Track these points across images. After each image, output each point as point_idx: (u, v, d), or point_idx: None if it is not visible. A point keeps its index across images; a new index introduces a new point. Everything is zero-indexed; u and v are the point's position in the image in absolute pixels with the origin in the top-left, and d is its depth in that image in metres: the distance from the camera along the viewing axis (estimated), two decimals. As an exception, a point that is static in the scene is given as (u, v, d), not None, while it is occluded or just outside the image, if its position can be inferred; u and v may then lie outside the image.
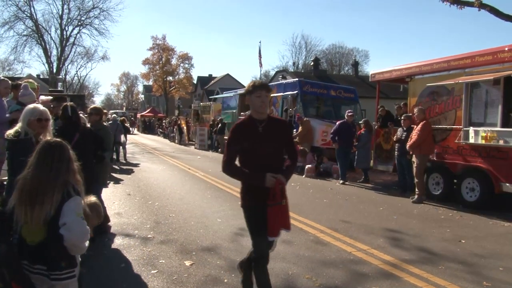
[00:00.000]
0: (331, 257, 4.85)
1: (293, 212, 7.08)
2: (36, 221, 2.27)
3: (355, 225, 6.41)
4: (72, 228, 2.24)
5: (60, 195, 2.30)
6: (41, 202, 2.26)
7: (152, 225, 6.18)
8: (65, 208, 2.28)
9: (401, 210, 7.80)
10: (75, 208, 2.30)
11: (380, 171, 11.83)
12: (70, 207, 2.29)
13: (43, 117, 3.63)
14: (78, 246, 2.32)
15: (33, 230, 2.30)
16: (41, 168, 2.33)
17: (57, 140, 2.50)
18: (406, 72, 10.17)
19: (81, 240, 2.30)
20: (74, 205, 2.31)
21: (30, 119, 3.57)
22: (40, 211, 2.25)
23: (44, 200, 2.26)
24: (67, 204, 2.29)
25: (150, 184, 10.12)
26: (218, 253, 4.92)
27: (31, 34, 39.84)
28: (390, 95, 21.47)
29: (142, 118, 52.56)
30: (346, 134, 11.18)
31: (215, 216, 6.78)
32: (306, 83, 15.39)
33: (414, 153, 8.63)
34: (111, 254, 4.89)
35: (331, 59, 59.46)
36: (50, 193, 2.28)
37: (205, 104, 28.38)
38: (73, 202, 2.32)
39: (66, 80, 49.26)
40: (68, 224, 2.24)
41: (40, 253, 2.31)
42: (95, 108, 6.16)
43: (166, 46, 54.99)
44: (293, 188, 10.17)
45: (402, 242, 5.56)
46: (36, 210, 2.26)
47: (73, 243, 2.27)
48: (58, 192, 2.30)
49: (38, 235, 2.30)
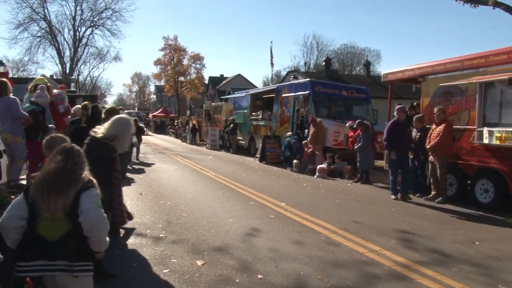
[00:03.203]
0: (343, 258, 4.83)
1: (305, 212, 7.12)
2: (58, 213, 2.35)
3: (367, 226, 6.37)
4: (89, 214, 2.36)
5: (80, 186, 2.44)
6: (65, 190, 2.39)
7: (164, 225, 6.21)
8: (82, 196, 2.41)
9: (413, 211, 7.73)
10: (92, 197, 2.44)
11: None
12: (87, 196, 2.43)
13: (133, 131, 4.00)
14: (97, 236, 2.41)
15: (54, 226, 2.35)
16: (64, 163, 2.48)
17: (76, 146, 2.68)
18: (418, 72, 10.07)
19: (98, 227, 2.40)
20: (91, 195, 2.46)
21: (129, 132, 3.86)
22: (64, 198, 2.37)
23: (69, 188, 2.40)
24: (84, 193, 2.43)
25: (162, 184, 10.18)
26: (230, 253, 4.92)
27: (45, 35, 40.40)
28: (402, 95, 21.21)
29: (154, 118, 52.96)
30: (401, 137, 8.87)
31: (226, 216, 6.79)
32: (317, 83, 15.36)
33: (434, 155, 8.52)
34: (123, 253, 4.93)
35: (343, 59, 59.25)
36: (73, 183, 2.43)
37: (216, 104, 28.45)
38: (91, 192, 2.47)
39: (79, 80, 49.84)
40: (85, 210, 2.37)
41: (62, 248, 2.36)
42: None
43: (178, 46, 55.31)
44: (304, 188, 10.16)
45: (415, 244, 5.51)
46: (59, 198, 2.36)
47: (91, 230, 2.37)
48: (80, 183, 2.45)
49: (59, 230, 2.36)
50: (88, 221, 2.36)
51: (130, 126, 3.81)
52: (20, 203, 2.42)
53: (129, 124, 3.82)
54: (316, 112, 14.22)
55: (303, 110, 15.03)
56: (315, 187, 10.27)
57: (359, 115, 15.45)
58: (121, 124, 3.79)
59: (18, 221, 2.37)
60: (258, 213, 7.10)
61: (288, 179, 11.70)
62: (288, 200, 8.29)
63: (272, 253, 4.96)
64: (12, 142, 5.12)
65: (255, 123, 19.22)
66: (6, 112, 5.15)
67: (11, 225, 2.37)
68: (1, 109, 5.20)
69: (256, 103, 20.42)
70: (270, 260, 4.70)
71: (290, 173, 13.23)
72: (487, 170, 8.03)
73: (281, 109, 16.76)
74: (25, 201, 2.40)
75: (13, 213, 2.39)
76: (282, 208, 7.51)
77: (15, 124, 5.17)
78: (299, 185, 10.72)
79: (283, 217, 6.85)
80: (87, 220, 2.36)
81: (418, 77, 10.14)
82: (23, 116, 5.26)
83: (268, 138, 16.51)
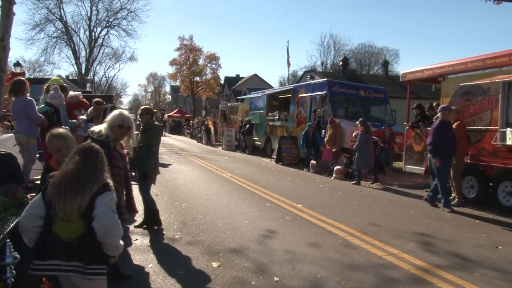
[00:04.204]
0: (360, 261, 4.79)
1: (322, 214, 7.09)
2: (73, 214, 2.37)
3: (385, 229, 6.31)
4: (102, 219, 2.35)
5: (96, 188, 2.44)
6: (83, 192, 2.40)
7: (180, 226, 6.27)
8: (97, 200, 2.41)
9: (433, 213, 7.61)
10: (107, 202, 2.43)
11: (411, 173, 11.58)
12: (102, 200, 2.41)
13: (125, 124, 3.75)
14: (111, 242, 2.40)
15: (70, 226, 2.38)
16: (83, 164, 2.48)
17: (94, 145, 2.67)
18: (438, 72, 9.92)
19: (111, 232, 2.39)
20: (107, 199, 2.44)
21: (113, 124, 3.71)
22: (80, 200, 2.38)
23: (86, 189, 2.41)
24: (100, 197, 2.42)
25: (177, 184, 10.26)
26: (246, 255, 4.93)
27: (61, 36, 40.83)
28: (421, 95, 20.98)
29: (170, 119, 53.42)
30: (450, 140, 8.02)
31: (242, 218, 6.81)
32: (335, 83, 15.27)
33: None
34: (138, 254, 4.99)
35: (360, 59, 58.74)
36: (90, 185, 2.43)
37: (232, 105, 28.55)
38: (106, 196, 2.45)
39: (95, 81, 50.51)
40: (98, 215, 2.36)
41: (78, 249, 2.38)
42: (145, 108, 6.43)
43: (193, 46, 55.59)
44: (321, 190, 10.11)
45: (435, 247, 5.43)
46: (75, 199, 2.37)
47: (105, 235, 2.36)
48: (96, 185, 2.45)
49: (75, 230, 2.39)
50: (101, 227, 2.35)
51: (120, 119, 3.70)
52: (37, 202, 2.46)
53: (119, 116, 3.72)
54: (333, 113, 14.15)
55: (320, 110, 14.96)
56: (332, 189, 10.22)
57: (377, 116, 15.34)
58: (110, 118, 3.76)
59: (36, 220, 2.41)
60: (274, 215, 7.10)
61: (304, 180, 11.66)
62: (305, 201, 8.26)
63: (288, 255, 4.95)
64: (26, 143, 5.21)
65: (272, 123, 19.21)
66: (22, 113, 5.22)
67: (29, 224, 2.42)
68: (18, 110, 5.27)
69: (273, 104, 20.40)
70: (286, 263, 4.69)
71: (307, 174, 13.18)
72: (510, 172, 7.85)
73: (298, 110, 16.72)
74: (43, 201, 2.45)
75: (31, 212, 2.44)
76: (298, 210, 7.50)
77: (30, 125, 5.24)
78: (316, 186, 10.67)
79: (299, 219, 6.83)
80: (101, 226, 2.35)
81: (437, 76, 9.99)
82: (39, 119, 5.34)
83: (284, 139, 16.49)
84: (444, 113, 8.18)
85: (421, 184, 11.03)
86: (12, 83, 5.52)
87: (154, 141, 6.03)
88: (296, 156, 15.98)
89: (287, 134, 17.06)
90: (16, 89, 5.37)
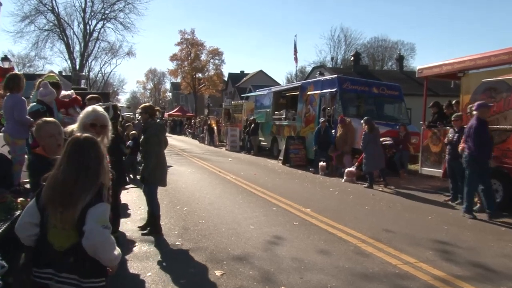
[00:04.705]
0: (374, 270, 4.74)
1: (332, 220, 7.05)
2: (66, 224, 2.30)
3: (400, 235, 6.25)
4: (91, 237, 2.25)
5: (90, 198, 2.31)
6: (75, 204, 2.28)
7: (180, 232, 6.25)
8: (88, 213, 2.28)
9: (452, 219, 7.53)
10: (99, 215, 2.30)
11: (428, 176, 11.49)
12: (93, 213, 2.29)
13: (98, 122, 3.48)
14: (103, 257, 2.32)
15: (62, 234, 2.33)
16: (74, 167, 2.34)
17: (88, 136, 2.49)
18: (458, 67, 9.83)
19: (102, 249, 2.29)
20: (99, 211, 2.31)
21: (85, 122, 3.49)
22: (74, 212, 2.28)
23: (78, 201, 2.28)
24: (91, 209, 2.29)
25: (178, 187, 10.26)
26: (251, 263, 4.90)
27: (53, 29, 40.18)
28: (439, 92, 20.84)
29: (170, 118, 53.56)
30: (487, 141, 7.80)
31: (247, 223, 6.79)
32: (345, 80, 15.23)
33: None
34: (136, 262, 4.97)
35: (373, 54, 58.58)
36: (84, 194, 2.30)
37: (236, 103, 28.57)
38: (98, 209, 2.31)
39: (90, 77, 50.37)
40: (87, 232, 2.25)
41: (67, 260, 2.32)
42: (143, 107, 6.44)
43: (195, 41, 55.78)
44: (331, 193, 10.06)
45: (455, 256, 5.36)
46: (67, 213, 2.29)
47: (95, 252, 2.28)
48: (91, 194, 2.32)
49: (67, 239, 2.32)
50: (90, 245, 2.26)
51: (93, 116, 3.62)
52: (31, 208, 2.41)
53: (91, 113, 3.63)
54: (344, 111, 14.10)
55: (330, 109, 14.91)
56: (343, 192, 10.17)
57: (391, 114, 15.26)
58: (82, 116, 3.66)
59: (30, 229, 2.37)
60: (281, 220, 7.07)
61: (313, 183, 11.62)
62: (314, 205, 8.22)
63: (296, 263, 4.92)
64: (12, 144, 5.16)
65: (278, 123, 19.19)
66: (11, 111, 5.16)
67: (23, 233, 2.39)
68: (7, 107, 5.18)
69: (279, 102, 20.39)
70: (294, 271, 4.65)
71: (316, 176, 13.14)
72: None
73: (306, 108, 16.69)
74: (36, 206, 2.39)
75: (25, 220, 2.39)
76: (307, 215, 7.46)
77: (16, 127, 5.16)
78: (326, 189, 10.63)
79: (308, 224, 6.80)
80: (90, 244, 2.26)
81: (457, 72, 9.91)
82: (25, 121, 5.18)
83: (292, 139, 16.46)
84: (481, 110, 7.85)
85: (439, 187, 10.94)
86: (7, 78, 5.45)
87: (153, 141, 6.04)
88: (304, 157, 15.94)
89: (294, 134, 17.03)
90: (10, 85, 5.31)
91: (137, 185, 9.69)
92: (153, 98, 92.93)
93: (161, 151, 6.18)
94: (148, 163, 6.06)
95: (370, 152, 11.06)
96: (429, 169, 10.76)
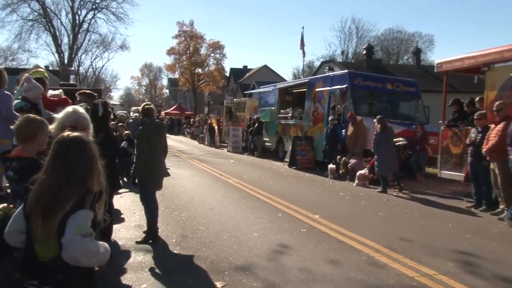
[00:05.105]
0: (388, 282, 4.73)
1: (342, 227, 7.04)
2: (47, 234, 2.27)
3: (418, 245, 6.23)
4: (68, 249, 2.21)
5: (73, 203, 2.27)
6: (56, 212, 2.25)
7: (178, 240, 6.25)
8: (68, 222, 2.25)
9: (475, 228, 7.50)
10: (78, 224, 2.25)
11: (448, 180, 11.45)
12: (72, 222, 2.25)
13: (79, 125, 3.37)
14: (86, 264, 2.30)
15: (45, 244, 2.31)
16: (61, 171, 2.31)
17: (76, 135, 2.44)
18: (482, 60, 9.80)
19: (82, 259, 2.26)
20: (77, 219, 2.26)
21: (64, 124, 3.39)
22: (54, 222, 2.25)
23: (60, 209, 2.26)
24: (71, 218, 2.25)
25: (176, 192, 10.28)
26: (254, 273, 4.90)
27: (38, 19, 40.10)
28: (460, 88, 20.82)
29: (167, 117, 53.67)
30: None
31: (251, 230, 6.79)
32: (357, 76, 15.20)
33: (493, 159, 8.27)
34: (130, 272, 4.96)
35: (388, 47, 58.59)
36: (66, 201, 2.27)
37: (239, 101, 28.62)
38: (77, 217, 2.26)
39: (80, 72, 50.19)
40: (64, 245, 2.22)
41: (50, 272, 2.31)
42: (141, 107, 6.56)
43: (194, 33, 55.92)
44: (341, 198, 10.05)
45: (479, 268, 5.32)
46: (47, 221, 2.26)
47: (76, 262, 2.25)
48: (73, 200, 2.28)
49: (50, 250, 2.30)
50: (69, 257, 2.22)
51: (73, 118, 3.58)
52: (18, 215, 2.42)
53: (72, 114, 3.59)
54: (355, 109, 14.06)
55: (340, 107, 14.89)
56: (354, 197, 10.15)
57: (407, 113, 15.23)
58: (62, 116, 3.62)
59: (18, 236, 2.38)
60: (287, 227, 7.07)
61: (322, 187, 11.62)
62: (323, 211, 8.21)
63: (304, 274, 4.91)
64: None
65: (284, 122, 19.20)
66: None
67: (11, 241, 2.40)
68: None
69: (285, 99, 20.39)
70: (301, 283, 4.65)
71: (325, 180, 13.13)
72: None
73: (314, 106, 16.67)
74: (23, 213, 2.38)
75: (11, 228, 2.40)
76: (315, 221, 7.46)
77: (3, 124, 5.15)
78: (335, 194, 10.62)
79: (316, 232, 6.80)
80: (68, 257, 2.22)
81: (481, 66, 9.88)
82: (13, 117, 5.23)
83: (299, 140, 16.45)
84: None
85: (460, 192, 10.87)
86: None
87: (142, 142, 6.18)
88: (312, 159, 15.93)
89: (301, 134, 17.02)
90: None
91: (131, 189, 9.68)
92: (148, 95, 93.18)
93: (153, 152, 6.20)
94: (136, 165, 6.18)
95: (382, 154, 11.03)
96: (449, 173, 10.73)
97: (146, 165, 6.09)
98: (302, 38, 31.66)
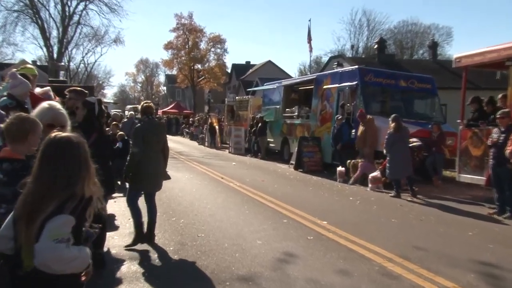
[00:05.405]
0: (403, 295, 4.70)
1: (352, 234, 7.01)
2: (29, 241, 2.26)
3: (434, 254, 6.20)
4: (39, 256, 2.21)
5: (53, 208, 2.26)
6: (37, 218, 2.25)
7: (176, 248, 6.25)
8: (45, 227, 2.24)
9: (499, 236, 7.47)
10: (53, 229, 2.24)
11: (467, 184, 11.40)
12: (48, 228, 2.24)
13: (57, 123, 3.34)
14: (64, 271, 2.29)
15: (28, 252, 2.29)
16: (48, 174, 2.31)
17: (65, 136, 2.43)
18: (506, 54, 9.78)
19: (57, 265, 2.25)
20: (53, 225, 2.25)
21: (41, 122, 3.28)
22: (35, 228, 2.25)
23: (41, 214, 2.25)
24: (48, 223, 2.24)
25: (174, 196, 10.29)
26: (258, 284, 4.90)
27: (24, 10, 39.69)
28: (481, 85, 20.75)
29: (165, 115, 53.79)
30: None
31: (254, 237, 6.79)
32: (368, 72, 15.24)
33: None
34: (125, 283, 4.96)
35: (401, 40, 58.55)
36: (49, 205, 2.26)
37: (241, 99, 28.64)
38: (54, 222, 2.25)
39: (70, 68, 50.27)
40: (35, 251, 2.21)
41: (33, 282, 2.30)
42: None
43: (194, 26, 55.99)
44: (352, 203, 10.03)
45: (504, 282, 5.29)
46: (30, 228, 2.25)
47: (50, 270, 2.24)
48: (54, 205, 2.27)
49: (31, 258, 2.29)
50: (41, 264, 2.22)
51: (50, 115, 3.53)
52: (8, 221, 2.42)
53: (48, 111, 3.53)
54: (366, 108, 14.04)
55: (350, 105, 14.88)
56: (365, 202, 10.14)
57: (423, 112, 15.21)
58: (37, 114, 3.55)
59: (7, 243, 2.38)
60: (293, 234, 7.07)
61: (330, 191, 11.61)
62: (331, 217, 8.20)
63: (311, 285, 4.90)
64: None
65: (290, 121, 19.23)
66: None
67: (2, 247, 2.39)
68: None
69: (291, 97, 20.44)
70: (309, 295, 4.61)
71: (334, 183, 13.12)
72: None
73: (322, 104, 16.69)
74: (12, 219, 2.38)
75: (2, 233, 2.40)
76: (323, 228, 7.45)
77: None
78: (345, 199, 10.61)
79: (324, 239, 6.79)
80: (40, 262, 2.21)
81: (504, 60, 9.86)
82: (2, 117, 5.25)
83: (305, 140, 16.46)
84: None
85: (481, 198, 10.84)
86: None
87: (137, 140, 6.39)
88: (320, 161, 15.93)
89: (308, 135, 17.05)
90: None
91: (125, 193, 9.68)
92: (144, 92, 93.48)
93: (149, 151, 6.31)
94: (128, 164, 6.37)
95: (396, 156, 10.99)
96: (468, 176, 10.68)
97: (140, 163, 6.21)
98: (309, 31, 31.68)
